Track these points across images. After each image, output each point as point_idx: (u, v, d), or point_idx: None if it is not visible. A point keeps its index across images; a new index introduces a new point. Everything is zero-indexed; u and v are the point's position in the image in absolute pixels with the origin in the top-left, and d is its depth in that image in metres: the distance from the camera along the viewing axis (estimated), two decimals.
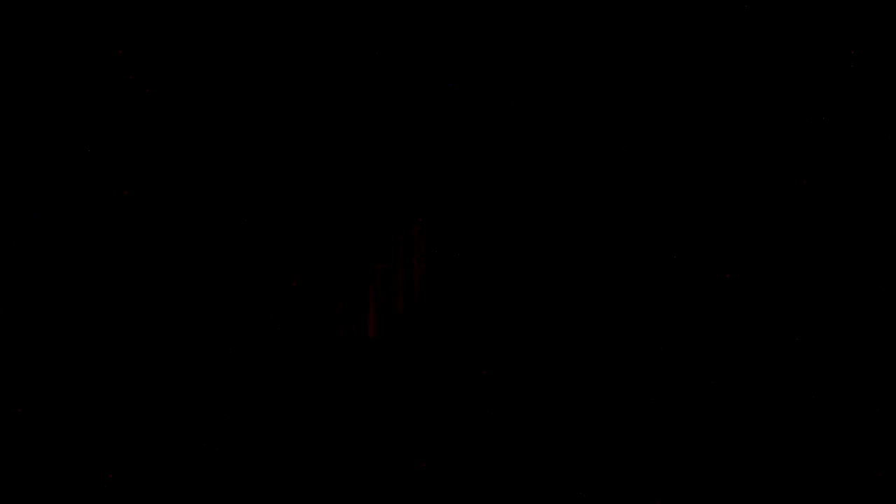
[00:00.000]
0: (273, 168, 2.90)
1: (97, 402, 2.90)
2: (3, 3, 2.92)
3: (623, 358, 3.03)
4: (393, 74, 3.00)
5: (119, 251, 2.94)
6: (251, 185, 2.99)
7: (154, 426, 2.91)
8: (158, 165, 2.97)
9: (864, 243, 3.05)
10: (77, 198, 2.94)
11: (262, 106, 2.96)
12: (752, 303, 3.04)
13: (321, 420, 2.97)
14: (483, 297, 2.98)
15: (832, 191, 3.07)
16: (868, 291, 3.03)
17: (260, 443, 2.95)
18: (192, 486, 2.91)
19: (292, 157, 2.86)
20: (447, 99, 2.91)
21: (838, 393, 3.02)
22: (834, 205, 3.06)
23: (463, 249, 2.81)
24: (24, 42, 2.95)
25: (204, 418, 2.93)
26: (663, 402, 3.02)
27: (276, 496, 2.93)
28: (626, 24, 3.07)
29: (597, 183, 3.01)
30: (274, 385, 2.96)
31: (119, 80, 2.98)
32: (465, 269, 2.87)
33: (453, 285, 2.92)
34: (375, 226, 2.83)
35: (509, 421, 3.00)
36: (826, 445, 3.00)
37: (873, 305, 3.03)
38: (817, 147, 3.07)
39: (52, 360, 2.89)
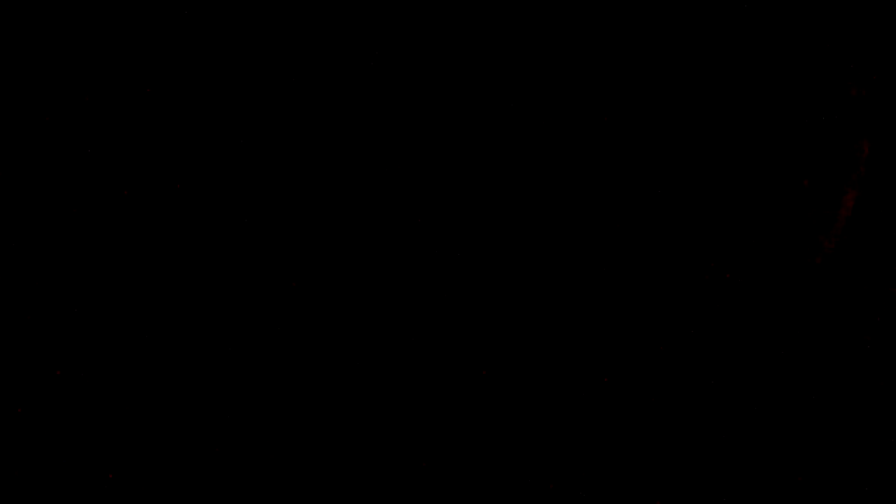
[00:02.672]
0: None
1: (106, 401, 2.90)
2: (3, 2, 2.92)
3: (622, 357, 3.03)
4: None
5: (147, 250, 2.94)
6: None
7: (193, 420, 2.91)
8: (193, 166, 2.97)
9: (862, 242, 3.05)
10: (78, 198, 2.94)
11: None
12: (752, 302, 3.05)
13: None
14: None
15: (832, 191, 3.07)
16: (869, 291, 3.04)
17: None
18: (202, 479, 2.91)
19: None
20: None
21: (839, 393, 3.02)
22: (835, 205, 3.06)
23: None
24: (24, 42, 2.95)
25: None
26: (664, 401, 3.02)
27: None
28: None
29: None
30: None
31: (119, 80, 2.98)
32: None
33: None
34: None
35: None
36: (826, 445, 3.00)
37: (875, 306, 3.03)
38: (816, 147, 3.08)
39: (53, 360, 2.89)
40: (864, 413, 3.01)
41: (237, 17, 3.03)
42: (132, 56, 2.99)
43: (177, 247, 2.97)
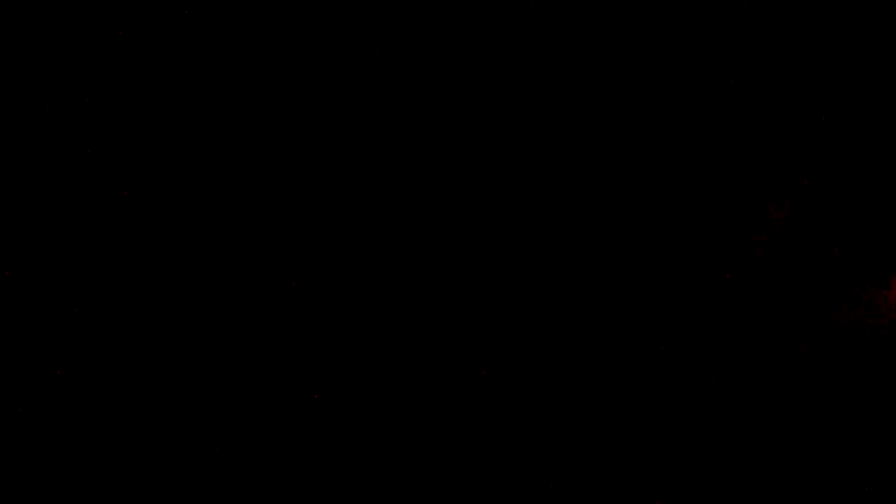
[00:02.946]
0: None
1: (106, 401, 2.90)
2: (3, 2, 2.92)
3: (623, 357, 3.03)
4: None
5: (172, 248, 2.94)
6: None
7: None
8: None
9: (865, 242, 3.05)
10: (85, 198, 2.94)
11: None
12: (751, 302, 3.05)
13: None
14: None
15: (835, 191, 3.07)
16: (869, 290, 3.03)
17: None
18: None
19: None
20: None
21: (839, 393, 3.02)
22: (833, 204, 3.06)
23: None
24: (24, 42, 2.95)
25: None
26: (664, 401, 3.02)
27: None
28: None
29: None
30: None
31: (119, 80, 2.98)
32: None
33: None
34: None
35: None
36: (826, 445, 3.00)
37: (878, 307, 3.03)
38: (817, 146, 3.08)
39: (53, 360, 2.89)
40: (868, 413, 3.01)
41: (237, 18, 3.03)
42: (132, 56, 3.00)
43: (177, 247, 2.97)
